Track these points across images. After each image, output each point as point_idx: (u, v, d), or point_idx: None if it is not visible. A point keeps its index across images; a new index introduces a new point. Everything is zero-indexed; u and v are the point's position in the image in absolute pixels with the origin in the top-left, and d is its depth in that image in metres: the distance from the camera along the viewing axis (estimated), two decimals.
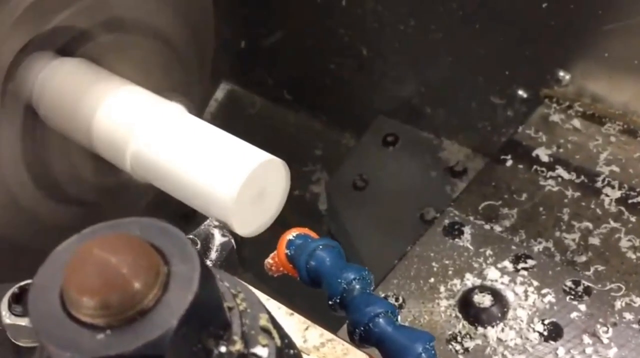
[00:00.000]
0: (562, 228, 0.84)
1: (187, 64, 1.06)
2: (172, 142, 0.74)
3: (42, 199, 0.91)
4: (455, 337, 0.76)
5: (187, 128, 0.75)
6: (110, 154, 0.80)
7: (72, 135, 0.84)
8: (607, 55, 0.90)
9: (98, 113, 0.79)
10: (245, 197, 0.67)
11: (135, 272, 0.29)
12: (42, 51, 0.84)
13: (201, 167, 0.70)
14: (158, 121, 0.76)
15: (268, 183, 0.70)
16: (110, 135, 0.78)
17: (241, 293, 0.36)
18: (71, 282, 0.29)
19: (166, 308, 0.29)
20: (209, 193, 0.69)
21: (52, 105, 0.84)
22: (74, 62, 0.85)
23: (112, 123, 0.78)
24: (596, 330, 0.74)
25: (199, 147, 0.72)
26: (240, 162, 0.68)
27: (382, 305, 0.45)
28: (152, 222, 0.32)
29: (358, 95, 1.21)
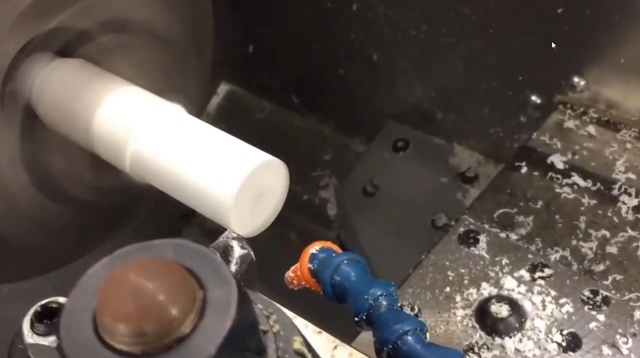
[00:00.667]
0: (578, 236, 0.83)
1: (186, 65, 1.06)
2: (171, 143, 0.74)
3: (41, 199, 0.91)
4: (472, 347, 0.75)
5: (186, 128, 0.75)
6: (110, 154, 0.80)
7: (71, 135, 0.84)
8: (622, 61, 0.89)
9: (97, 113, 0.79)
10: (244, 197, 0.67)
11: (171, 298, 0.28)
12: (41, 52, 0.84)
13: (200, 167, 0.70)
14: (157, 122, 0.76)
15: (267, 184, 0.70)
16: (110, 136, 0.78)
17: (273, 314, 0.35)
18: (106, 308, 0.28)
19: (203, 336, 0.28)
20: (208, 193, 0.69)
21: (51, 106, 0.84)
22: (74, 62, 0.85)
23: (111, 123, 0.78)
24: (615, 341, 0.73)
25: (198, 147, 0.73)
26: (239, 162, 0.69)
27: (410, 322, 0.44)
28: (185, 244, 0.31)
29: (368, 100, 1.20)
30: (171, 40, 1.00)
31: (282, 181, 0.72)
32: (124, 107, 0.79)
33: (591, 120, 0.93)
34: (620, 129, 0.92)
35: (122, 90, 0.81)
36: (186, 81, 1.07)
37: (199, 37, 1.08)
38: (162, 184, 0.75)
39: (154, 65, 0.98)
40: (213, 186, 0.68)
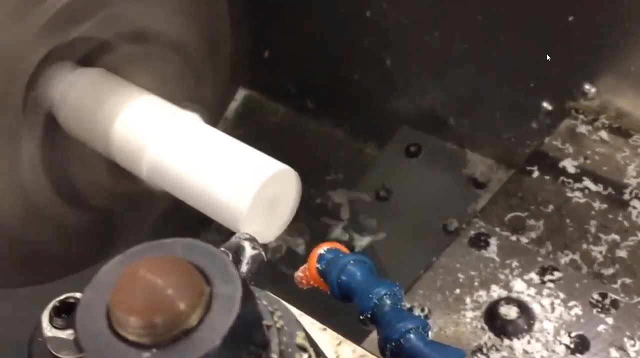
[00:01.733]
0: (589, 240, 0.84)
1: (203, 74, 1.07)
2: (188, 151, 0.76)
3: (60, 205, 0.93)
4: (481, 348, 0.77)
5: (203, 137, 0.77)
6: (128, 161, 0.82)
7: (90, 143, 0.86)
8: (633, 69, 0.89)
9: (116, 122, 0.81)
10: (257, 205, 0.69)
11: (180, 293, 0.30)
12: (63, 61, 0.86)
13: (215, 175, 0.72)
14: (174, 130, 0.78)
15: (280, 193, 0.72)
16: (128, 144, 0.80)
17: (278, 310, 0.36)
18: (118, 302, 0.30)
19: (209, 328, 0.30)
20: (222, 201, 0.71)
21: (71, 114, 0.86)
22: (94, 72, 0.87)
23: (129, 131, 0.80)
24: (623, 344, 0.74)
25: (214, 156, 0.74)
26: (253, 171, 0.70)
27: (413, 320, 0.45)
28: (195, 243, 0.33)
29: (381, 105, 1.21)
30: (189, 51, 1.02)
31: (294, 189, 0.74)
32: (142, 116, 0.81)
33: (603, 125, 0.94)
34: (632, 134, 0.92)
35: (141, 99, 0.83)
36: (203, 90, 1.09)
37: (216, 47, 1.10)
38: (177, 192, 0.77)
39: (171, 75, 0.99)
40: (227, 195, 0.70)
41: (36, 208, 0.90)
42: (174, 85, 0.98)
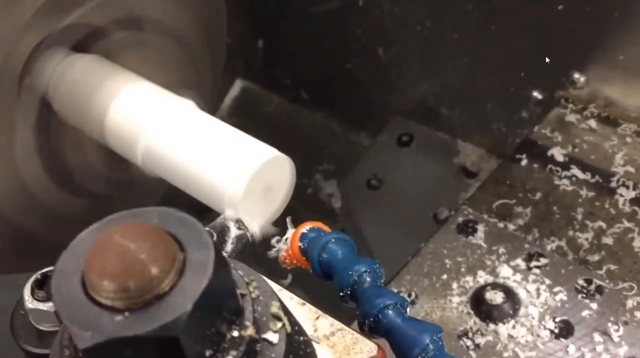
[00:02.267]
0: (575, 227, 0.84)
1: (199, 61, 1.07)
2: (182, 137, 0.76)
3: (55, 191, 0.94)
4: (467, 333, 0.77)
5: (197, 124, 0.78)
6: (122, 147, 0.82)
7: (85, 129, 0.86)
8: (622, 58, 0.90)
9: (111, 108, 0.82)
10: (252, 191, 0.69)
11: (152, 258, 0.30)
12: (57, 47, 0.86)
13: (209, 161, 0.73)
14: (169, 117, 0.78)
15: (274, 178, 0.72)
16: (122, 130, 0.80)
17: (254, 281, 0.37)
18: (92, 267, 0.30)
19: (181, 293, 0.31)
20: (217, 187, 0.71)
21: (66, 100, 0.86)
22: (89, 58, 0.87)
23: (124, 118, 0.81)
24: (607, 329, 0.74)
25: (208, 142, 0.75)
26: (248, 157, 0.71)
27: (391, 297, 0.46)
28: (170, 212, 0.34)
29: (374, 96, 1.22)
30: (184, 37, 1.02)
31: (288, 176, 0.74)
32: (137, 102, 0.81)
33: (592, 114, 0.95)
34: (620, 123, 0.93)
35: (135, 85, 0.83)
36: (199, 78, 1.09)
37: (212, 34, 1.10)
38: (172, 178, 0.77)
39: (167, 62, 1.00)
40: (222, 180, 0.70)
41: (31, 193, 0.91)
42: (169, 72, 0.98)
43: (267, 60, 1.33)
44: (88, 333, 0.30)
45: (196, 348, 0.31)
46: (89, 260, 0.31)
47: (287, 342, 0.35)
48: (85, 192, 0.98)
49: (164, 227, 0.33)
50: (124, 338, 0.29)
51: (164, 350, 0.30)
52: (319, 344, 0.43)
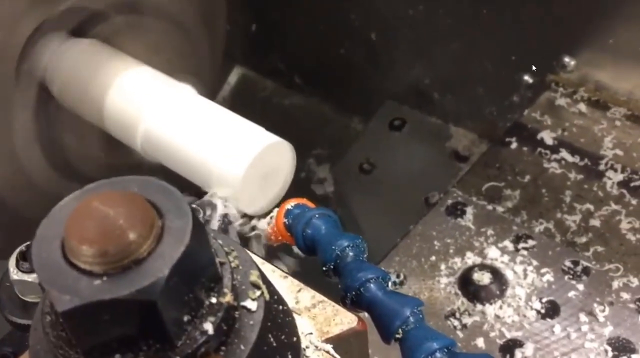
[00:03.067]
0: (563, 209, 0.85)
1: (198, 47, 1.07)
2: (182, 122, 0.76)
3: (53, 176, 0.94)
4: (454, 313, 0.78)
5: (197, 109, 0.77)
6: (121, 133, 0.82)
7: (84, 114, 0.86)
8: (611, 41, 0.90)
9: (110, 93, 0.81)
10: (252, 176, 0.69)
11: (131, 224, 0.31)
12: (55, 32, 0.86)
13: (209, 146, 0.72)
14: (168, 101, 0.78)
15: (274, 165, 0.72)
16: (122, 115, 0.80)
17: (234, 251, 0.37)
18: (72, 232, 0.31)
19: (159, 259, 0.31)
20: (216, 172, 0.71)
21: (65, 85, 0.86)
22: (87, 42, 0.87)
23: (123, 103, 0.80)
24: (593, 309, 0.75)
25: (208, 127, 0.74)
26: (248, 142, 0.70)
27: (373, 271, 0.46)
28: (151, 181, 0.34)
29: (367, 80, 1.22)
30: (184, 22, 1.01)
31: (288, 162, 0.74)
32: (136, 87, 0.81)
33: (582, 98, 0.95)
34: (610, 107, 0.94)
35: (135, 70, 0.82)
36: (198, 62, 1.08)
37: (212, 19, 1.10)
38: (171, 163, 0.77)
39: (166, 46, 0.99)
40: (222, 165, 0.70)
41: (29, 178, 0.91)
42: (168, 57, 0.98)
43: (261, 45, 1.33)
44: (67, 297, 0.30)
45: (174, 313, 0.32)
46: (68, 226, 0.31)
47: (266, 310, 0.36)
48: (84, 177, 0.98)
49: (143, 195, 0.33)
50: (102, 301, 0.30)
51: (141, 314, 0.31)
52: (300, 316, 0.44)
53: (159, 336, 0.32)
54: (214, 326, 0.33)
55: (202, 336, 0.33)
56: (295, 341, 0.38)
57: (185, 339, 0.33)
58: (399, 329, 0.44)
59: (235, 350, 0.34)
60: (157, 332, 0.32)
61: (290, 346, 0.37)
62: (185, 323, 0.33)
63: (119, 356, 0.32)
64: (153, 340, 0.32)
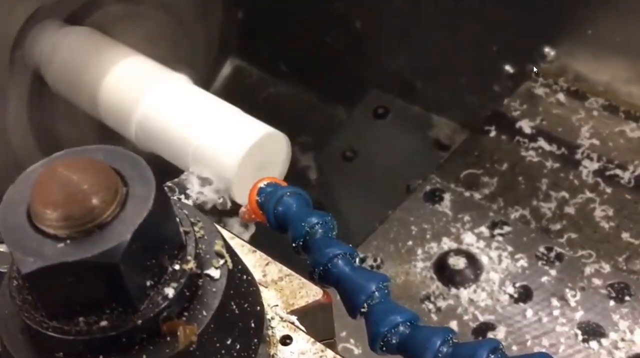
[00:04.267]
0: (539, 197, 0.86)
1: (193, 37, 1.07)
2: (176, 112, 0.76)
3: None
4: (429, 296, 0.79)
5: (192, 98, 0.77)
6: (116, 122, 0.82)
7: (78, 102, 0.86)
8: (590, 32, 0.91)
9: (104, 81, 0.81)
10: (247, 166, 0.70)
11: (94, 189, 0.32)
12: (50, 19, 0.86)
13: (204, 137, 0.72)
14: (163, 91, 0.78)
15: (269, 155, 0.73)
16: (116, 104, 0.80)
17: (200, 222, 0.38)
18: (36, 197, 0.32)
19: (122, 224, 0.32)
20: (211, 161, 0.71)
21: (59, 73, 0.86)
22: (82, 30, 0.87)
23: (118, 91, 0.80)
24: (565, 294, 0.77)
25: (203, 117, 0.74)
26: (244, 132, 0.71)
27: (341, 247, 0.47)
28: (117, 150, 0.35)
29: (352, 69, 1.23)
30: (179, 11, 1.01)
31: (283, 154, 0.74)
32: (131, 76, 0.81)
33: (561, 88, 0.96)
34: (588, 97, 0.95)
35: (130, 59, 0.82)
36: (193, 53, 1.09)
37: (207, 9, 1.10)
38: (166, 152, 0.77)
39: (161, 36, 0.99)
40: (217, 155, 0.70)
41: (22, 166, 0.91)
42: (163, 46, 0.98)
43: (247, 33, 1.33)
44: (31, 259, 0.31)
45: (136, 277, 0.33)
46: (33, 191, 0.32)
47: (229, 278, 0.36)
48: None
49: (109, 163, 0.34)
50: (65, 263, 0.31)
51: (104, 277, 0.32)
52: (267, 288, 0.45)
53: (121, 300, 0.33)
54: (176, 291, 0.34)
55: (164, 301, 0.34)
56: (259, 310, 0.39)
57: (148, 303, 0.34)
58: (365, 304, 0.45)
59: (198, 316, 0.35)
60: (119, 295, 0.33)
61: (253, 314, 0.38)
62: (147, 288, 0.34)
63: (82, 319, 0.33)
64: (116, 304, 0.33)
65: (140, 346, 0.34)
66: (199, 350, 0.35)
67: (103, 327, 0.33)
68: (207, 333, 0.35)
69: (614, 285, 0.77)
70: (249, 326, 0.38)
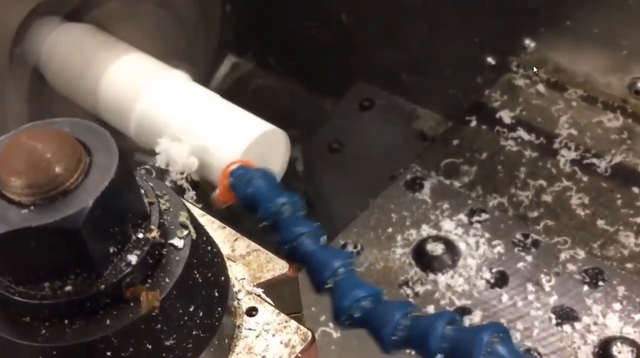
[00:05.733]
0: (517, 185, 0.88)
1: (193, 34, 1.07)
2: (176, 109, 0.76)
3: None
4: (407, 282, 0.81)
5: (191, 95, 0.77)
6: (115, 119, 0.81)
7: (77, 99, 0.85)
8: (569, 23, 0.93)
9: (103, 78, 0.81)
10: None
11: (58, 158, 0.33)
12: (49, 16, 0.86)
13: (204, 134, 0.72)
14: (163, 88, 0.78)
15: (269, 152, 0.73)
16: (115, 101, 0.80)
17: (166, 195, 0.40)
18: (1, 166, 0.33)
19: (84, 191, 0.33)
20: (212, 158, 0.71)
21: (58, 70, 0.86)
22: (81, 27, 0.87)
23: (117, 88, 0.80)
24: (540, 279, 0.78)
25: (202, 114, 0.75)
26: (244, 129, 0.71)
27: (308, 226, 0.49)
28: (82, 122, 0.36)
29: (339, 61, 1.24)
30: (178, 8, 1.01)
31: (283, 150, 0.75)
32: (130, 73, 0.81)
33: (541, 79, 0.98)
34: (567, 88, 0.96)
35: (129, 56, 0.82)
36: (192, 50, 1.09)
37: (206, 6, 1.10)
38: None
39: (161, 32, 0.99)
40: (217, 152, 0.70)
41: None
42: (163, 43, 0.98)
43: (235, 26, 1.35)
44: None
45: (99, 243, 0.34)
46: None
47: (192, 248, 0.38)
48: None
49: (74, 134, 0.35)
50: (29, 228, 0.32)
51: (67, 243, 0.33)
52: (235, 263, 0.46)
53: (85, 265, 0.34)
54: (139, 259, 0.35)
55: (127, 267, 0.35)
56: (223, 280, 0.40)
57: (111, 270, 0.35)
58: (329, 279, 0.47)
59: (160, 283, 0.36)
60: (83, 261, 0.34)
61: (217, 284, 0.40)
62: (111, 255, 0.35)
63: (48, 284, 0.34)
64: (80, 269, 0.34)
65: (104, 311, 0.35)
66: (161, 315, 0.36)
67: (68, 292, 0.34)
68: (170, 299, 0.36)
69: (588, 270, 0.78)
70: (213, 295, 0.39)
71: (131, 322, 0.35)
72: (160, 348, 0.36)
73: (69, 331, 0.35)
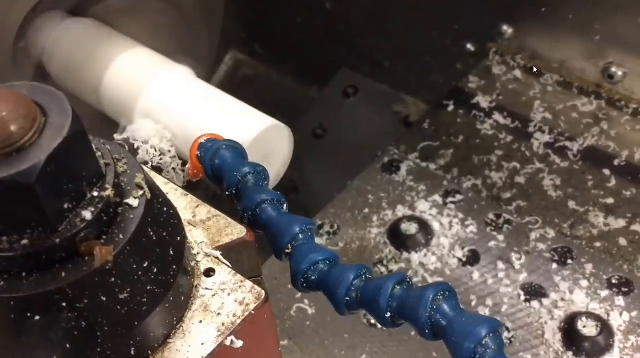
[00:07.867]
0: (492, 167, 0.89)
1: (196, 29, 1.08)
2: (179, 104, 0.76)
3: None
4: (382, 260, 0.82)
5: (195, 90, 0.77)
6: (118, 113, 0.81)
7: (81, 95, 0.85)
8: (544, 10, 0.94)
9: (107, 73, 0.81)
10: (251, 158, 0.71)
11: (13, 117, 0.35)
12: (53, 11, 0.86)
13: (208, 129, 0.71)
14: (166, 83, 0.78)
15: (273, 147, 0.73)
16: (119, 96, 0.80)
17: (125, 159, 0.41)
18: None
19: (38, 148, 0.35)
20: None
21: (62, 65, 0.86)
22: (85, 22, 0.87)
23: (120, 84, 0.80)
24: (510, 258, 0.80)
25: (206, 109, 0.74)
26: (247, 124, 0.71)
27: (269, 194, 0.50)
28: (40, 86, 0.38)
29: (324, 49, 1.26)
30: (181, 3, 1.02)
31: (286, 145, 0.75)
32: (134, 68, 0.81)
33: (518, 65, 0.99)
34: (543, 73, 0.98)
35: (132, 51, 0.82)
36: (196, 45, 1.09)
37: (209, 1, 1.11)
38: None
39: (164, 27, 0.99)
40: None
41: None
42: (166, 38, 0.98)
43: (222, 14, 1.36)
44: None
45: (53, 199, 0.36)
46: None
47: (147, 207, 0.40)
48: None
49: (30, 96, 0.37)
50: None
51: (21, 198, 0.35)
52: (195, 227, 0.48)
53: (40, 220, 0.36)
54: (93, 215, 0.37)
55: (81, 223, 0.37)
56: (178, 240, 0.42)
57: (66, 225, 0.37)
58: (289, 245, 0.48)
59: (115, 239, 0.38)
60: (38, 216, 0.36)
61: (172, 243, 0.41)
62: (66, 211, 0.37)
63: (5, 238, 0.36)
64: (35, 224, 0.36)
65: (60, 264, 0.37)
66: (115, 270, 0.38)
67: (24, 245, 0.36)
68: (124, 254, 0.38)
69: (557, 249, 0.80)
70: (167, 253, 0.41)
71: (86, 275, 0.37)
72: (115, 301, 0.38)
73: (25, 283, 0.36)
